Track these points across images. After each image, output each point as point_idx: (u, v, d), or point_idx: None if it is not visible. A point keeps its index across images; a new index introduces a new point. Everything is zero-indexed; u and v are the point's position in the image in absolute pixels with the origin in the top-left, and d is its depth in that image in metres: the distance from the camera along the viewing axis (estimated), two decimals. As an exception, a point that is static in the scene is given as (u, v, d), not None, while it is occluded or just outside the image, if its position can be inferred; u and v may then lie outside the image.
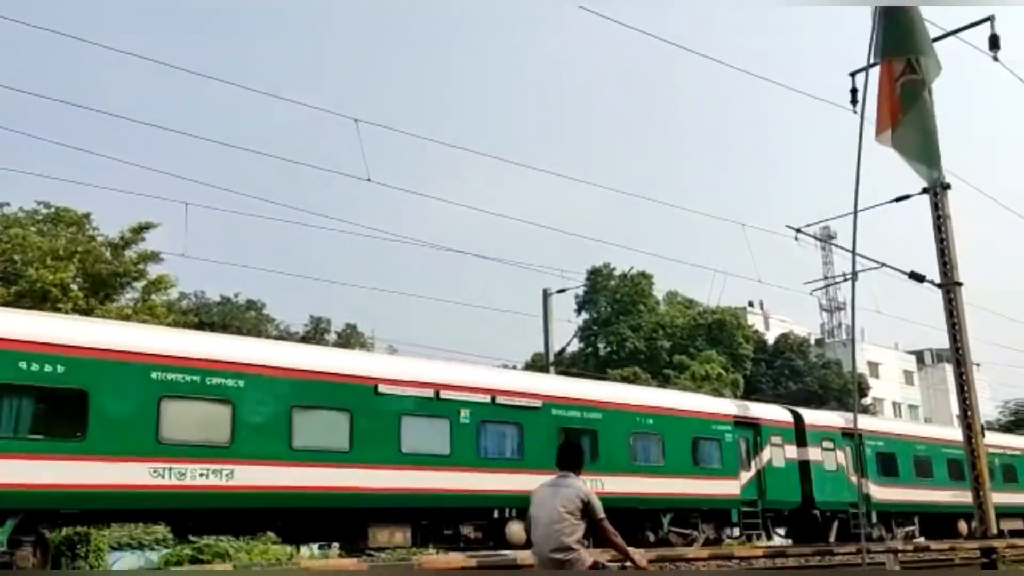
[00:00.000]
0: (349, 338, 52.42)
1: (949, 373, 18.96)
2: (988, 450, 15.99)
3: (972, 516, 14.58)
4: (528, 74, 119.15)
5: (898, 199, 16.94)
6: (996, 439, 26.85)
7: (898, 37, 7.24)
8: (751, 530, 20.05)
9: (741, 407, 21.92)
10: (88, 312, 22.00)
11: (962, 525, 24.40)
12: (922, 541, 20.91)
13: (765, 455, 20.75)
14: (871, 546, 13.28)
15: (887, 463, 23.59)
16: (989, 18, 13.60)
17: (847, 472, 22.41)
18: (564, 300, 52.20)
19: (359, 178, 15.97)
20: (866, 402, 58.08)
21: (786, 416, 22.28)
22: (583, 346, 52.75)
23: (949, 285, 14.89)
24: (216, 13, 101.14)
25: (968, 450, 14.65)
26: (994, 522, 14.22)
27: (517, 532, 15.49)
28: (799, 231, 18.63)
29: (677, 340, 51.20)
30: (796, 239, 18.59)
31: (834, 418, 23.70)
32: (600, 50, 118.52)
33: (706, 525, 19.27)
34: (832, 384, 54.36)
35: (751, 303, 69.23)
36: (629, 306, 52.04)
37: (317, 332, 52.14)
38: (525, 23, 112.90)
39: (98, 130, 70.47)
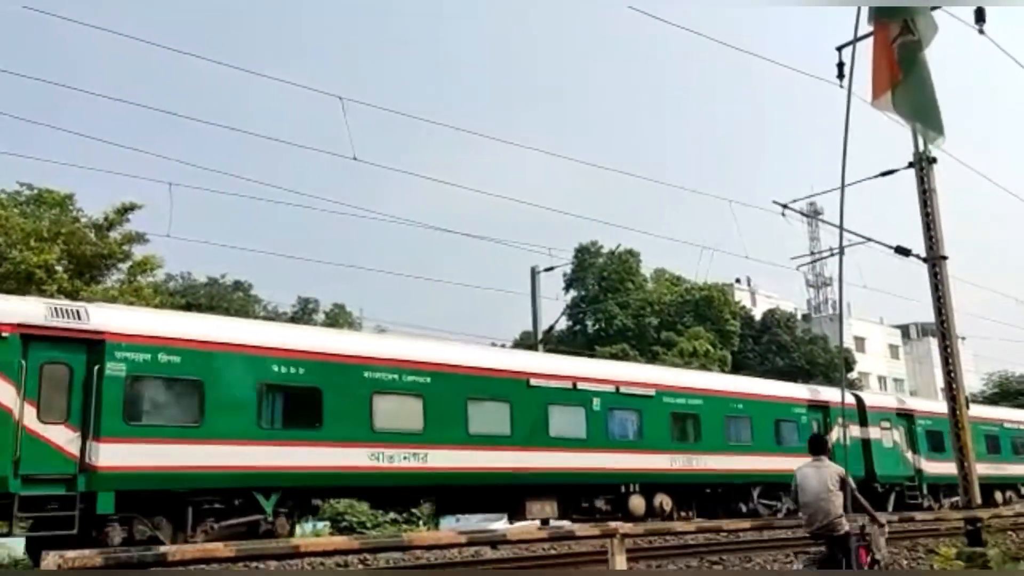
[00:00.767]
0: (337, 318, 52.31)
1: (934, 346, 19.39)
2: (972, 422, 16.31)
3: (1008, 487, 15.62)
4: (516, 52, 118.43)
5: (884, 173, 16.95)
6: (980, 411, 27.95)
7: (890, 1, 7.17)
8: None
9: (813, 392, 24.49)
10: (72, 294, 21.82)
11: (997, 495, 26.98)
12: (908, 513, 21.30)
13: (834, 434, 22.55)
14: (857, 516, 13.40)
15: (935, 440, 25.61)
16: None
17: (902, 449, 24.95)
18: (552, 278, 52.29)
19: (345, 156, 15.84)
20: (852, 376, 58.59)
21: (848, 399, 23.96)
22: (571, 324, 52.89)
23: (934, 259, 14.95)
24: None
25: (952, 422, 14.79)
26: (978, 493, 14.39)
27: (637, 505, 18.51)
28: (786, 207, 18.59)
29: (665, 317, 51.39)
30: (783, 215, 18.57)
31: (890, 400, 26.38)
32: (589, 27, 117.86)
33: (788, 497, 21.15)
34: (818, 359, 54.77)
35: (738, 279, 69.50)
36: (617, 284, 52.16)
37: (305, 312, 51.99)
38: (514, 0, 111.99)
39: (78, 110, 69.60)
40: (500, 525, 19.08)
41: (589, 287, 53.25)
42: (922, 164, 15.26)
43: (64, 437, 12.26)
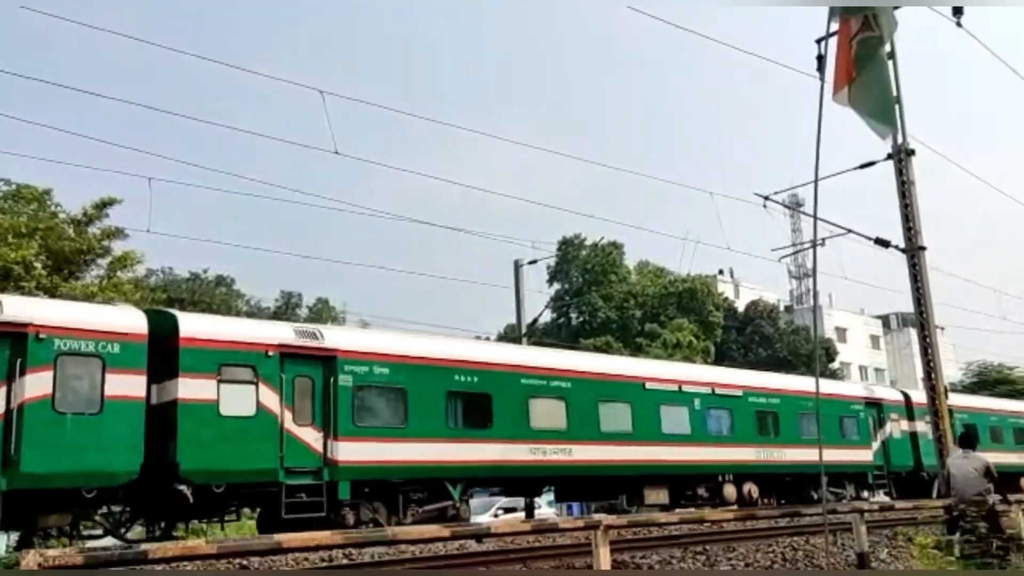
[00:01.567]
0: (320, 312, 52.11)
1: (914, 337, 20.28)
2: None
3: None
4: (498, 46, 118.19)
5: (863, 165, 17.10)
6: (958, 400, 28.74)
7: None
8: (882, 489, 25.33)
9: (868, 389, 27.14)
10: (51, 290, 21.60)
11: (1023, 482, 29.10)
12: (885, 501, 21.65)
13: (887, 428, 25.50)
14: (838, 507, 13.59)
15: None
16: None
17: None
18: (536, 271, 52.33)
19: (326, 150, 15.74)
20: (833, 367, 59.07)
21: (899, 396, 27.10)
22: (555, 316, 52.95)
23: (913, 250, 15.12)
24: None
25: (932, 411, 14.98)
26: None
27: (730, 492, 20.99)
28: (767, 199, 18.74)
29: (648, 309, 51.55)
30: (764, 206, 18.72)
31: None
32: (571, 21, 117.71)
33: (851, 485, 24.15)
34: (801, 350, 55.17)
35: (721, 271, 69.77)
36: (600, 276, 52.26)
37: (288, 307, 51.75)
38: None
39: (57, 105, 68.85)
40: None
41: (573, 280, 53.34)
42: (900, 156, 15.42)
43: (312, 436, 14.86)
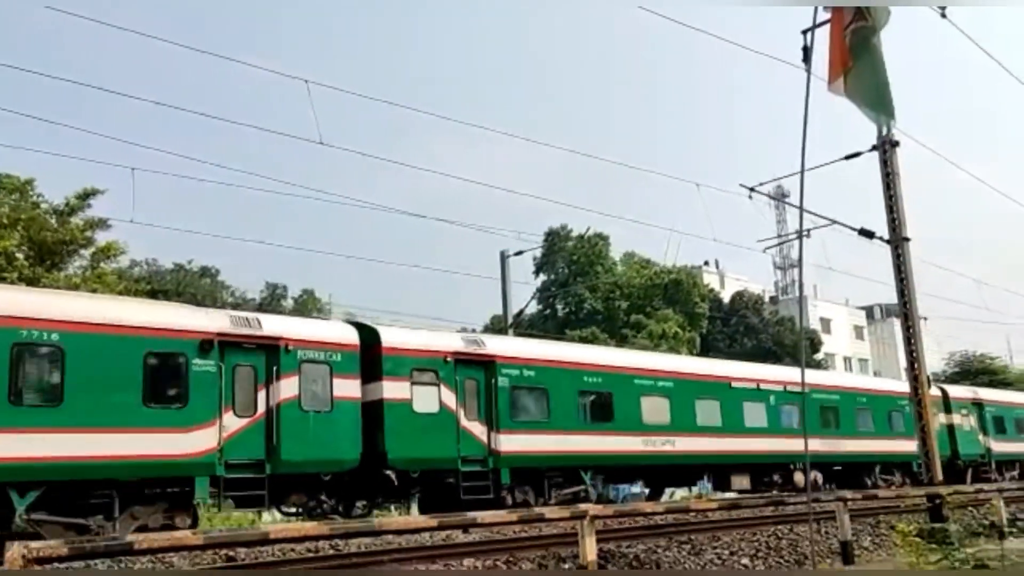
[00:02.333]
0: (306, 304, 51.87)
1: (897, 327, 20.89)
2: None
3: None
4: (485, 36, 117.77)
5: (848, 156, 17.16)
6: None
7: None
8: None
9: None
10: (33, 281, 21.40)
11: None
12: (863, 490, 21.97)
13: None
14: (821, 496, 13.69)
15: (999, 424, 31.59)
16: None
17: (976, 432, 30.20)
18: (522, 262, 52.30)
19: (311, 141, 15.66)
20: (818, 357, 59.45)
21: (938, 392, 29.10)
22: (541, 308, 52.98)
23: (897, 241, 15.21)
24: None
25: (915, 400, 15.10)
26: (939, 470, 14.73)
27: (799, 479, 23.02)
28: (753, 190, 18.74)
29: (634, 300, 51.67)
30: (750, 198, 18.73)
31: (966, 391, 31.64)
32: (558, 11, 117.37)
33: (899, 473, 27.02)
34: (786, 340, 55.50)
35: (707, 262, 69.99)
36: (586, 267, 52.30)
37: (273, 299, 51.50)
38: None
39: (39, 93, 68.05)
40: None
41: (559, 271, 53.37)
42: (885, 147, 15.49)
43: (479, 430, 17.36)
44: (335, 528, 6.76)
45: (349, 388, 15.76)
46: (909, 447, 26.64)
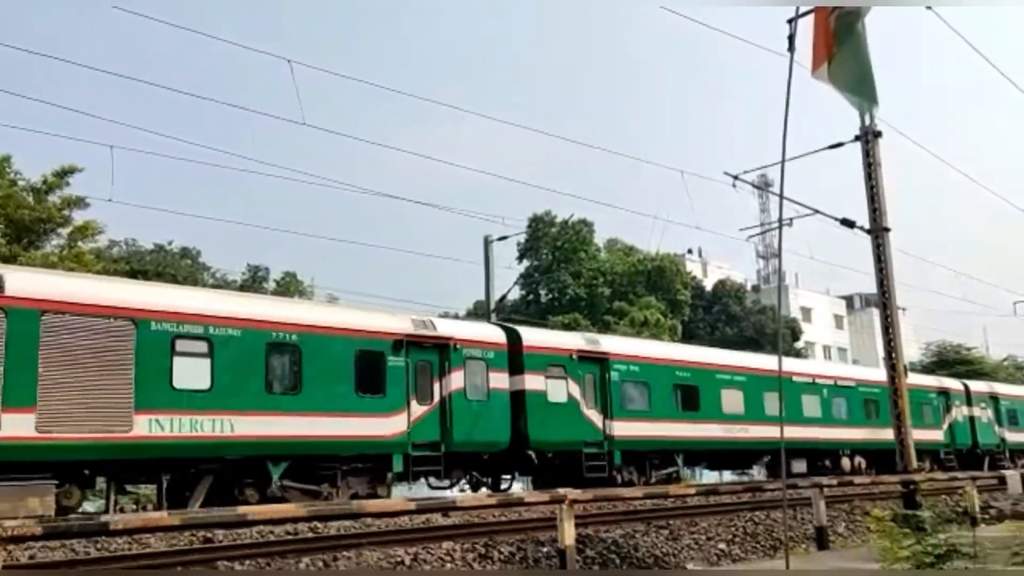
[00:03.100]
0: (288, 286, 51.54)
1: (876, 317, 21.26)
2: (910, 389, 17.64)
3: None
4: (471, 21, 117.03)
5: (831, 147, 17.21)
6: (918, 379, 30.89)
7: None
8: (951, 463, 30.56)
9: (939, 380, 32.94)
10: (10, 259, 21.12)
11: None
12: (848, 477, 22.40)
13: (952, 413, 31.38)
14: (798, 482, 13.83)
15: (1012, 416, 34.76)
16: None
17: (993, 424, 33.32)
18: (505, 248, 52.24)
19: (294, 121, 15.55)
20: (798, 346, 59.92)
21: (960, 386, 32.80)
22: (524, 293, 52.98)
23: (878, 231, 15.30)
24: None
25: (891, 389, 15.25)
26: (914, 456, 14.91)
27: (846, 464, 26.37)
28: (736, 178, 18.78)
29: (617, 287, 51.78)
30: (734, 186, 18.76)
31: (984, 386, 34.69)
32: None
33: (928, 460, 29.07)
34: (767, 329, 55.86)
35: (690, 250, 70.25)
36: (570, 253, 52.29)
37: (255, 280, 51.11)
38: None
39: (14, 67, 66.85)
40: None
41: (542, 257, 53.33)
42: (868, 138, 15.55)
43: (597, 417, 20.07)
44: (314, 510, 6.74)
45: (500, 380, 18.60)
46: (936, 436, 30.67)
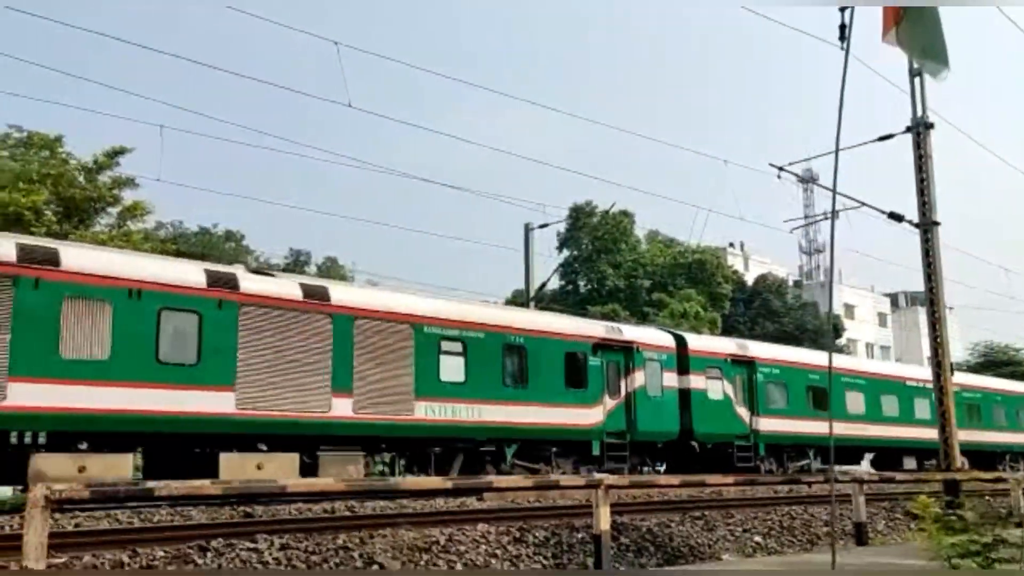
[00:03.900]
0: (329, 271, 52.13)
1: (922, 315, 21.37)
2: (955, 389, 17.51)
3: None
4: (517, 7, 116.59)
5: (881, 138, 16.85)
6: (963, 379, 30.95)
7: None
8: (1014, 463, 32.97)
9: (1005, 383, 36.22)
10: (62, 237, 21.64)
11: None
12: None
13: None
14: (839, 476, 13.61)
15: None
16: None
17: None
18: (545, 236, 52.05)
19: (340, 103, 15.71)
20: (840, 343, 58.99)
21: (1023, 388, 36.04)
22: (563, 283, 52.85)
23: (927, 225, 14.95)
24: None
25: (936, 388, 14.93)
26: (958, 455, 14.59)
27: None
28: (782, 169, 18.50)
29: (657, 279, 51.41)
30: (779, 177, 18.45)
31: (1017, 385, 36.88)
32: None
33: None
34: (808, 325, 55.06)
35: (731, 244, 69.48)
36: (610, 244, 52.01)
37: (296, 264, 51.79)
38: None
39: (68, 49, 68.36)
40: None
41: (582, 247, 53.13)
42: (919, 129, 15.19)
43: (745, 414, 22.71)
44: (351, 485, 6.83)
45: (671, 379, 21.29)
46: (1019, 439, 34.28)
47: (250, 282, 14.99)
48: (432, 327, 16.96)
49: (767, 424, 23.06)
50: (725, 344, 24.04)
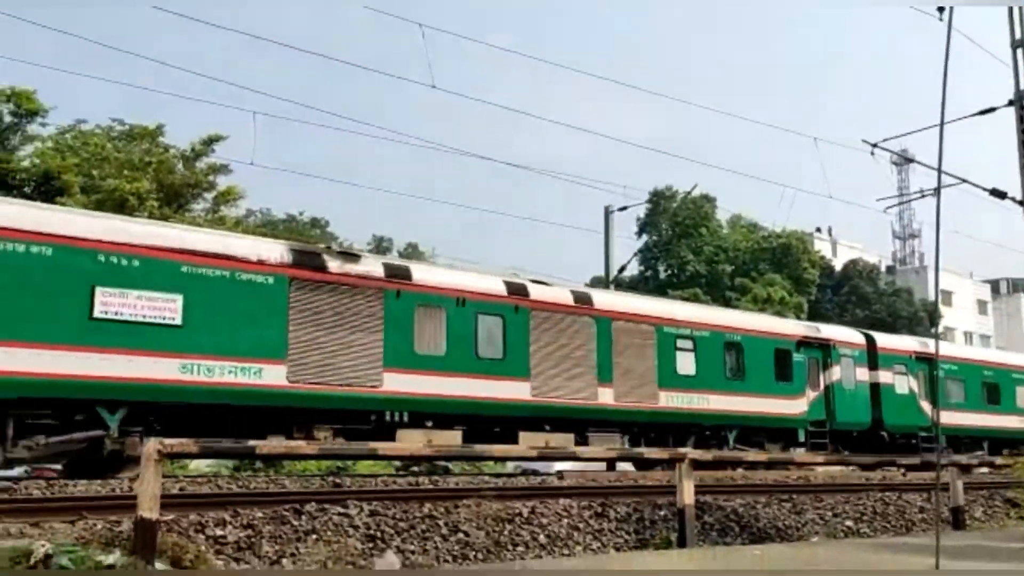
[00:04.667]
0: (410, 257, 53.01)
1: None
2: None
3: None
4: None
5: (983, 112, 16.10)
6: None
7: None
8: None
9: None
10: (163, 219, 22.68)
11: None
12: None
13: None
14: (934, 460, 13.15)
15: None
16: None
17: None
18: (624, 218, 51.58)
19: (423, 84, 16.03)
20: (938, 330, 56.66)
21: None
22: (643, 268, 52.36)
23: (1032, 201, 14.20)
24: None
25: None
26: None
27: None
28: (876, 146, 17.86)
29: (739, 264, 50.38)
30: (872, 154, 17.84)
31: None
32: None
33: None
34: (901, 312, 53.10)
35: (819, 229, 67.50)
36: (691, 229, 51.20)
37: (379, 251, 52.90)
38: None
39: (163, 38, 71.21)
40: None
41: (663, 232, 52.47)
42: (1023, 102, 14.43)
43: (927, 408, 24.01)
44: (437, 449, 7.00)
45: (863, 374, 22.94)
46: None
47: (536, 290, 17.60)
48: (669, 327, 19.31)
49: (947, 417, 24.27)
50: (909, 342, 25.65)
